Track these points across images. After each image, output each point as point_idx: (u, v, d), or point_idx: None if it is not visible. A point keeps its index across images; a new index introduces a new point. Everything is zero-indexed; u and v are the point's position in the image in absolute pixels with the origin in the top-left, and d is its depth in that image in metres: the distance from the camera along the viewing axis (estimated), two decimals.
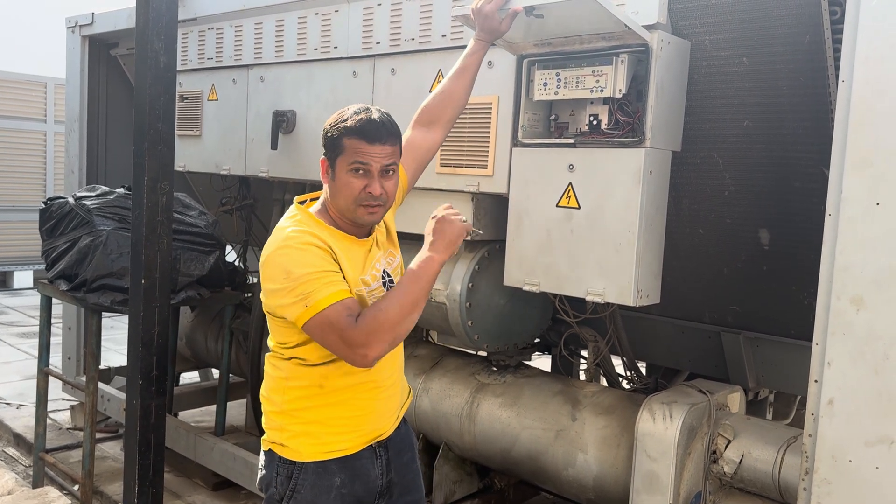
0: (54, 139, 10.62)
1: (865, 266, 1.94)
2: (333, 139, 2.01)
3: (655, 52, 2.42)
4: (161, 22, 3.24)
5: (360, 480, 2.10)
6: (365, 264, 2.06)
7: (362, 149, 1.97)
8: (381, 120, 2.00)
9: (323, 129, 2.06)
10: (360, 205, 2.00)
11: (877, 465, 1.94)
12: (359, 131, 1.97)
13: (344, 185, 2.00)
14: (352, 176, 1.98)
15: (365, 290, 2.04)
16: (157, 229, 3.31)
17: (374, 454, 2.13)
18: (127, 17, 4.60)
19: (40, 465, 4.19)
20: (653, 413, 2.59)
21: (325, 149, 2.05)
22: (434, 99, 2.40)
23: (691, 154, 2.65)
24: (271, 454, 2.11)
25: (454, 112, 2.42)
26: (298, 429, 2.06)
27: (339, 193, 2.02)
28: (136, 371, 3.35)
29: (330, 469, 2.06)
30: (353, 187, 1.98)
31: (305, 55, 3.63)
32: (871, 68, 1.92)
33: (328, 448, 2.06)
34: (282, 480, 2.07)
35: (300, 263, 1.90)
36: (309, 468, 2.05)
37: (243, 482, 3.92)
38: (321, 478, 2.06)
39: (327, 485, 2.06)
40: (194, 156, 4.34)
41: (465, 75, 2.40)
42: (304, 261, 1.90)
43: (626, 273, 2.51)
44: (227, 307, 4.40)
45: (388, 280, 2.11)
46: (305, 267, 1.89)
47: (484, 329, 3.15)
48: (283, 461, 2.08)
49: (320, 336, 1.91)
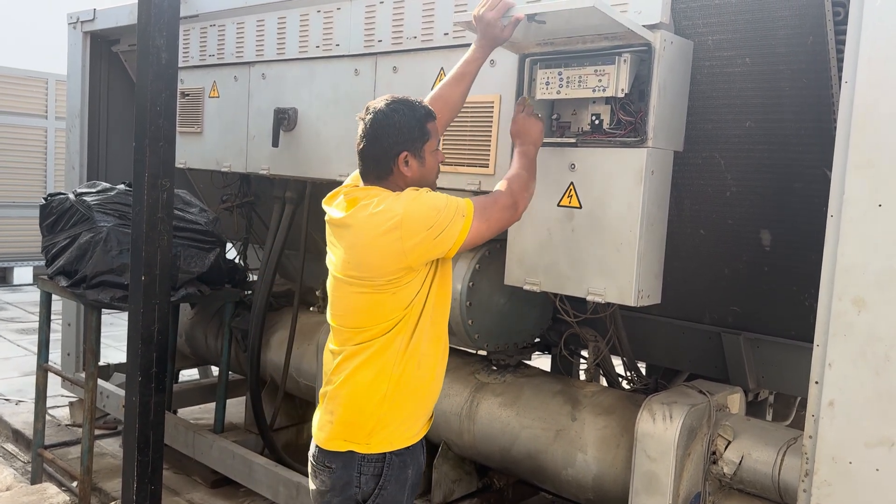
0: (55, 135, 10.62)
1: (867, 267, 1.94)
2: (420, 128, 2.18)
3: (658, 52, 2.42)
4: (163, 18, 3.23)
5: (417, 470, 2.24)
6: None
7: (437, 128, 2.24)
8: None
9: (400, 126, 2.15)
10: (436, 179, 2.27)
11: (877, 466, 1.94)
12: (430, 114, 2.22)
13: (433, 165, 2.23)
14: (436, 156, 2.24)
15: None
16: (157, 226, 3.30)
17: (422, 442, 2.28)
18: (129, 13, 4.59)
19: (39, 462, 4.19)
20: (653, 413, 2.59)
21: (407, 143, 2.16)
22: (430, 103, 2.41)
23: (693, 154, 2.65)
24: (351, 455, 2.16)
25: (449, 116, 2.51)
26: (395, 417, 2.16)
27: (430, 175, 2.23)
28: (136, 368, 3.35)
29: (405, 461, 2.19)
30: (437, 165, 2.26)
31: (307, 53, 3.63)
32: (875, 69, 1.92)
33: (411, 434, 2.20)
34: (367, 479, 2.14)
35: (430, 203, 2.08)
36: (394, 462, 2.15)
37: (242, 480, 3.92)
38: (401, 471, 2.17)
39: (404, 477, 2.18)
40: (195, 153, 4.33)
41: (463, 82, 2.48)
42: (429, 198, 2.09)
43: (627, 273, 2.51)
44: (227, 304, 4.40)
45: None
46: (435, 201, 2.08)
47: (484, 328, 3.15)
48: (370, 458, 2.15)
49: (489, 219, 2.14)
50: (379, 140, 2.14)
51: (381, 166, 2.16)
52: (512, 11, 2.34)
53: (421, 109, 2.18)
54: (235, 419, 4.91)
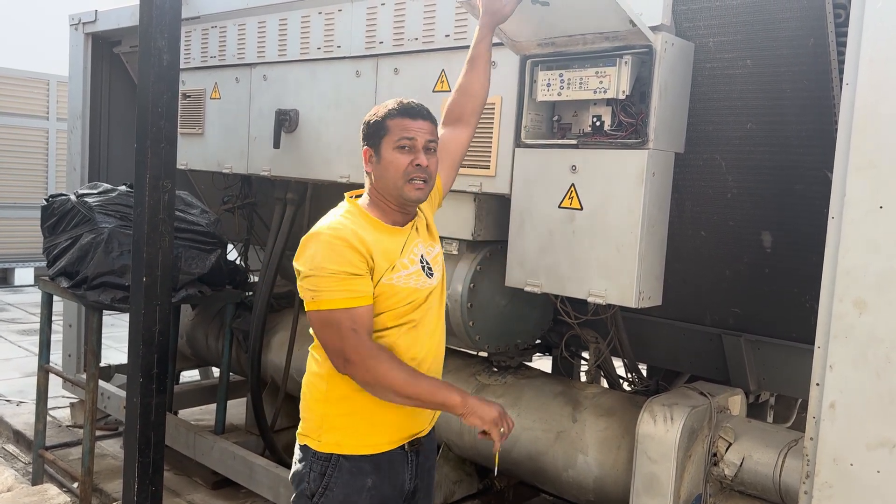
0: (56, 136, 10.63)
1: (868, 269, 1.94)
2: (377, 124, 2.09)
3: (659, 54, 2.42)
4: (164, 20, 3.24)
5: (390, 483, 2.12)
6: (404, 248, 2.11)
7: (407, 125, 2.06)
8: (418, 104, 2.12)
9: (363, 123, 2.13)
10: (408, 179, 2.05)
11: (878, 468, 1.94)
12: (401, 111, 2.08)
13: (390, 163, 2.06)
14: (398, 153, 2.05)
15: (403, 273, 2.07)
16: (158, 227, 3.31)
17: (405, 457, 2.15)
18: (130, 14, 4.60)
19: (40, 463, 4.19)
20: (654, 415, 2.59)
21: (366, 139, 2.12)
22: (454, 97, 2.44)
23: (694, 156, 2.65)
24: (306, 449, 2.12)
25: (475, 105, 2.44)
26: (340, 421, 2.08)
27: (387, 173, 2.07)
28: (137, 369, 3.35)
29: (363, 469, 2.08)
30: (401, 163, 2.05)
31: (308, 54, 3.63)
32: (876, 71, 1.92)
33: (369, 442, 2.08)
34: (315, 476, 2.09)
35: (326, 258, 1.95)
36: (343, 466, 2.07)
37: (243, 481, 3.92)
38: (354, 477, 2.07)
39: (359, 485, 2.08)
40: (196, 154, 4.34)
41: (476, 65, 2.42)
42: (331, 256, 1.95)
43: (627, 274, 2.51)
44: (228, 306, 4.40)
45: (426, 266, 2.15)
46: (330, 262, 1.94)
47: (485, 330, 3.15)
48: (318, 456, 2.09)
49: (319, 330, 1.98)
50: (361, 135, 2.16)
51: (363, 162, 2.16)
52: None
53: (392, 106, 2.09)
54: (236, 420, 4.91)
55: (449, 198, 3.05)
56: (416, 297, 2.10)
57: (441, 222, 3.15)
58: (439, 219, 3.13)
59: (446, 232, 3.13)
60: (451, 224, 3.09)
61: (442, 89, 3.08)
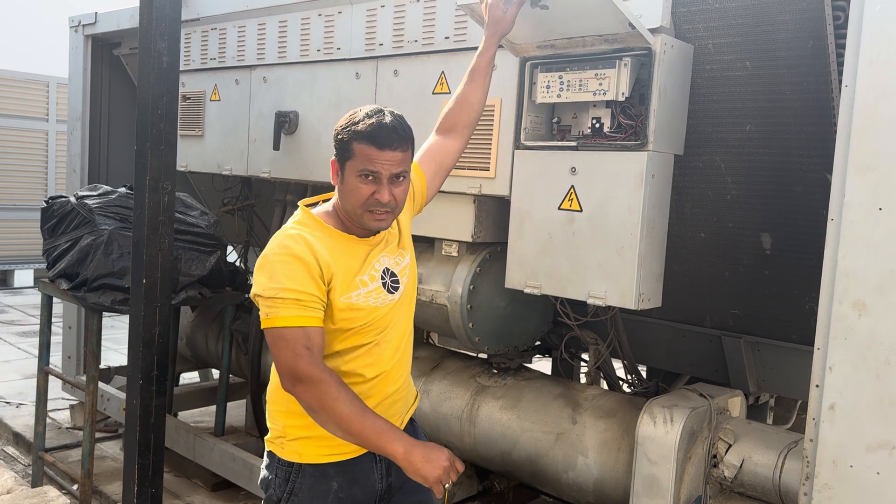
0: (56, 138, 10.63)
1: (867, 271, 1.94)
2: (344, 142, 1.97)
3: (658, 56, 2.42)
4: (164, 22, 3.24)
5: (358, 485, 2.10)
6: (364, 264, 2.04)
7: (372, 155, 1.93)
8: (392, 125, 1.95)
9: (334, 130, 2.03)
10: (368, 210, 1.98)
11: (878, 470, 1.94)
12: (369, 136, 1.93)
13: (352, 189, 1.97)
14: (360, 181, 1.95)
15: (362, 291, 2.01)
16: (158, 229, 3.31)
17: (373, 458, 2.12)
18: (130, 16, 4.60)
19: (39, 465, 4.19)
20: (653, 417, 2.59)
21: (335, 150, 2.02)
22: (451, 105, 2.40)
23: (693, 158, 2.65)
24: (272, 455, 2.12)
25: (470, 116, 2.40)
26: (300, 432, 2.05)
27: (348, 197, 1.99)
28: (137, 371, 3.35)
29: (328, 473, 2.06)
30: (362, 193, 1.96)
31: (308, 56, 3.63)
32: (875, 73, 1.92)
33: (328, 451, 2.05)
34: (279, 482, 2.07)
35: (280, 275, 1.90)
36: (307, 472, 2.05)
37: (242, 483, 3.92)
38: (318, 482, 2.05)
39: (324, 489, 2.05)
40: (196, 156, 4.34)
41: (475, 77, 2.39)
42: (284, 273, 1.90)
43: (627, 276, 2.51)
44: (228, 308, 4.40)
45: (389, 279, 2.08)
46: (285, 280, 1.89)
47: (485, 331, 3.15)
48: (282, 463, 2.08)
49: (272, 347, 1.92)
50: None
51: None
52: None
53: (362, 127, 1.93)
54: (236, 422, 4.91)
55: (448, 199, 3.06)
56: (376, 315, 2.03)
57: (440, 224, 3.16)
58: (439, 220, 3.14)
59: (446, 234, 3.13)
60: (451, 226, 3.09)
61: (441, 91, 3.09)
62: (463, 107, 2.38)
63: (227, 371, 4.48)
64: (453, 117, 2.38)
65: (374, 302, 2.02)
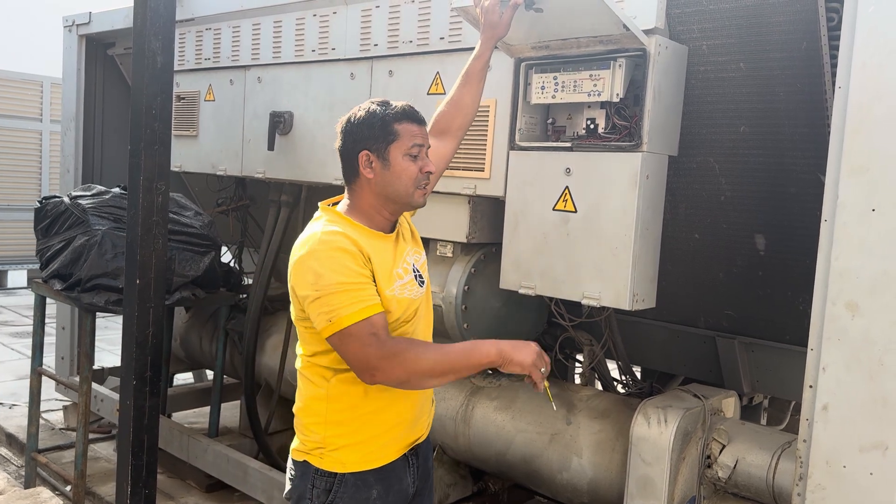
0: (50, 138, 10.60)
1: (861, 272, 1.94)
2: (384, 126, 2.00)
3: (653, 57, 2.42)
4: (159, 22, 3.23)
5: (394, 490, 2.10)
6: (395, 257, 2.05)
7: (415, 131, 2.02)
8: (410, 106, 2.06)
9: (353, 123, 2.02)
10: (418, 187, 2.04)
11: (871, 471, 1.94)
12: (408, 115, 2.02)
13: (402, 170, 2.01)
14: (409, 160, 2.01)
15: (398, 283, 2.02)
16: (152, 229, 3.30)
17: (407, 462, 2.14)
18: (124, 16, 4.59)
19: (32, 466, 4.17)
20: (647, 417, 2.59)
21: (368, 141, 2.00)
22: (443, 108, 2.42)
23: (688, 159, 2.66)
24: (306, 465, 2.07)
25: (463, 120, 2.43)
26: (342, 440, 2.03)
27: (398, 180, 2.01)
28: (130, 371, 3.34)
29: (368, 481, 2.05)
30: (412, 171, 2.02)
31: (303, 56, 3.63)
32: (868, 74, 1.93)
33: (372, 458, 2.05)
34: (319, 493, 2.04)
35: (330, 270, 1.87)
36: (349, 481, 2.03)
37: (236, 484, 3.91)
38: (359, 490, 2.04)
39: (364, 497, 2.05)
40: (191, 156, 4.33)
41: (469, 82, 2.41)
42: (333, 267, 1.87)
43: (622, 277, 2.51)
44: (222, 308, 4.39)
45: (418, 275, 2.10)
46: (335, 275, 1.87)
47: (479, 332, 3.14)
48: (321, 473, 2.04)
49: (341, 347, 1.90)
50: (346, 137, 2.05)
51: (348, 166, 2.06)
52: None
53: (394, 109, 2.01)
54: (230, 423, 4.90)
55: (443, 200, 3.06)
56: (410, 308, 2.05)
57: (435, 225, 3.16)
58: (434, 221, 3.14)
59: (441, 234, 3.13)
60: (446, 226, 3.09)
61: (436, 92, 3.09)
62: (457, 110, 2.40)
63: (221, 372, 4.47)
64: (447, 120, 2.40)
65: (410, 294, 2.05)
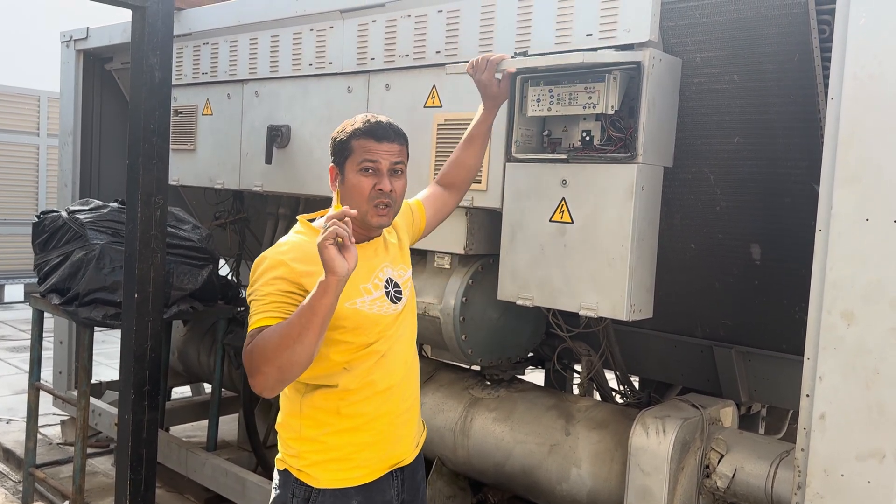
0: (47, 153, 10.61)
1: (855, 281, 1.96)
2: (342, 143, 2.04)
3: (647, 70, 2.45)
4: (157, 37, 3.26)
5: (376, 502, 2.10)
6: (366, 271, 2.03)
7: (370, 147, 2.00)
8: (387, 122, 2.06)
9: (331, 139, 2.09)
10: (372, 205, 2.00)
11: (868, 479, 1.95)
12: (366, 131, 2.02)
13: (353, 185, 2.01)
14: (361, 176, 2.00)
15: (365, 298, 2.01)
16: (150, 243, 3.31)
17: (391, 477, 2.13)
18: (122, 31, 4.61)
19: (30, 481, 4.16)
20: (646, 427, 2.60)
21: (333, 156, 2.08)
22: (447, 168, 2.55)
23: (683, 170, 2.68)
24: (287, 474, 2.08)
25: (467, 175, 2.56)
26: (317, 457, 2.04)
27: (350, 196, 2.02)
28: (129, 386, 3.34)
29: (348, 494, 2.05)
30: (364, 187, 2.00)
31: (300, 70, 3.65)
32: (860, 86, 1.95)
33: (348, 475, 2.05)
34: (298, 502, 2.06)
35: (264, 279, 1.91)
36: (326, 493, 2.04)
37: (234, 497, 3.90)
38: (339, 500, 2.04)
39: None
40: (188, 170, 4.34)
41: (473, 144, 2.55)
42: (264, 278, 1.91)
43: (618, 287, 2.52)
44: (220, 321, 4.39)
45: (392, 289, 2.08)
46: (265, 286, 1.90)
47: (477, 343, 3.15)
48: (300, 484, 2.05)
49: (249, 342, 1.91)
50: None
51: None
52: (503, 65, 2.48)
53: (358, 125, 2.03)
54: (228, 437, 4.89)
55: None
56: (380, 324, 2.03)
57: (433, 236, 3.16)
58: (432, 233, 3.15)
59: (438, 246, 3.14)
60: (443, 238, 3.10)
61: (433, 105, 3.11)
62: (461, 169, 2.54)
63: (220, 385, 4.47)
64: (451, 178, 2.55)
65: (379, 310, 2.03)
